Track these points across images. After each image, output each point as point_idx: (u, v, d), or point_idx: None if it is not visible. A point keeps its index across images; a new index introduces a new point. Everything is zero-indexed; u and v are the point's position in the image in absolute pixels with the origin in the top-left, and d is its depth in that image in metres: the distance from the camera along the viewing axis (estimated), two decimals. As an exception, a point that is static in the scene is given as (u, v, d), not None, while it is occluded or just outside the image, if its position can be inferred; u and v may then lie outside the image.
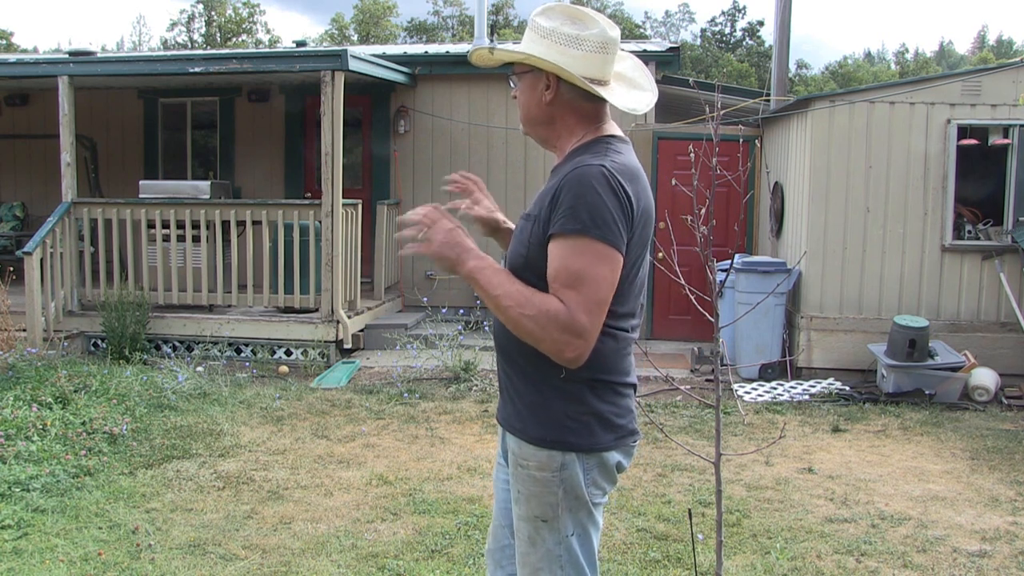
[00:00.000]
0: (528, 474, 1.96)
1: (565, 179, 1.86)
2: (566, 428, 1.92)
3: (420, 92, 9.80)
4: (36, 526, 4.11)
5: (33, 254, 7.58)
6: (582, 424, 1.93)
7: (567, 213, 1.82)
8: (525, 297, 1.82)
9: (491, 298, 1.86)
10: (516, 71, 2.05)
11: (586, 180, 1.83)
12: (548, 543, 1.97)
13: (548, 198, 1.89)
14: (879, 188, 7.39)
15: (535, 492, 1.96)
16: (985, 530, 4.26)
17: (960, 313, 7.39)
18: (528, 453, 1.96)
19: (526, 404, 1.97)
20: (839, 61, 55.64)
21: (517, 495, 2.01)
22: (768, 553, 3.93)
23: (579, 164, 1.88)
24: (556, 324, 1.79)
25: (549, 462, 1.93)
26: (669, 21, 58.64)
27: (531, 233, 1.91)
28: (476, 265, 1.88)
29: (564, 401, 1.93)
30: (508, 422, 2.03)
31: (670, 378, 7.12)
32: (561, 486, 1.94)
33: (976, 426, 6.15)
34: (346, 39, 44.52)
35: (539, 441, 1.94)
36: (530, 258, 1.90)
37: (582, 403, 1.93)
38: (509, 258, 2.00)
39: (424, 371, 7.37)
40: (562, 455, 1.93)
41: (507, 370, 2.03)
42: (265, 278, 8.05)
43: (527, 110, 2.04)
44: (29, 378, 6.32)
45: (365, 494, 4.63)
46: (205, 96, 10.64)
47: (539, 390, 1.95)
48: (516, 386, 2.00)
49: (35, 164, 11.16)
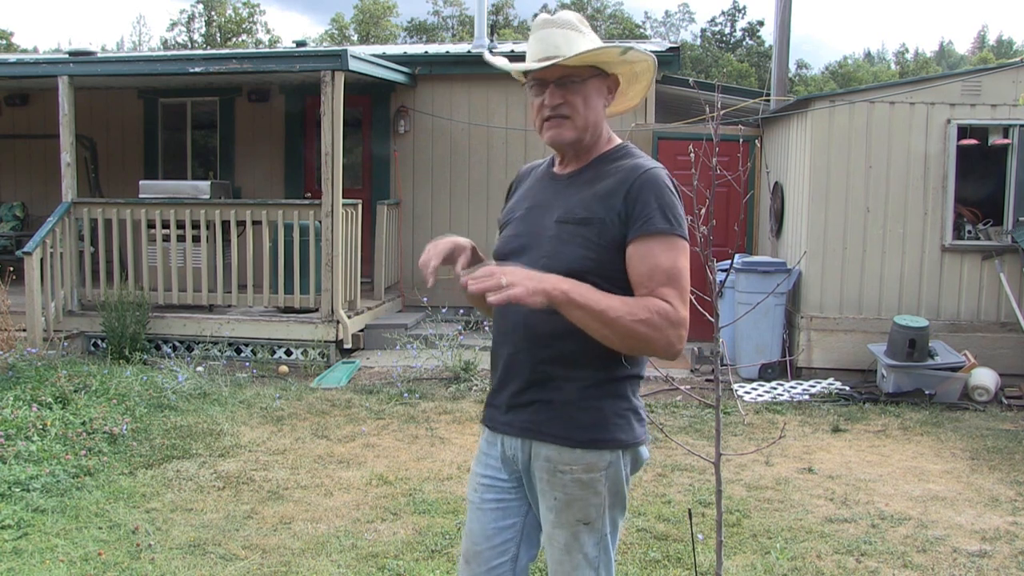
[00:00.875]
0: (572, 478, 1.93)
1: (637, 181, 1.89)
2: (614, 426, 1.94)
3: (420, 92, 9.80)
4: (36, 526, 4.11)
5: (33, 254, 7.58)
6: (626, 420, 1.96)
7: (654, 213, 1.86)
8: (630, 305, 1.82)
9: (594, 314, 1.80)
10: (584, 75, 1.94)
11: (660, 182, 1.90)
12: (586, 547, 1.95)
13: (617, 201, 1.89)
14: (879, 188, 7.39)
15: (577, 496, 1.93)
16: (985, 530, 4.26)
17: (960, 313, 7.39)
18: (574, 457, 1.93)
19: (572, 407, 1.93)
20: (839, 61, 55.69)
21: (553, 503, 1.95)
22: (768, 553, 3.93)
23: (639, 167, 1.92)
24: (668, 323, 1.82)
25: (598, 462, 1.93)
26: (669, 21, 58.68)
27: (599, 235, 1.89)
28: (570, 287, 1.80)
29: (611, 399, 1.94)
30: (540, 430, 1.96)
31: (670, 378, 7.11)
32: (607, 485, 1.94)
33: (976, 426, 6.15)
34: (346, 39, 44.52)
35: (589, 443, 1.93)
36: (601, 261, 1.89)
37: (625, 399, 1.96)
38: (566, 262, 1.89)
39: (424, 371, 7.37)
40: (611, 453, 1.94)
41: (550, 368, 1.94)
42: (265, 278, 8.05)
43: (592, 116, 1.97)
44: (29, 378, 6.32)
45: (365, 494, 4.63)
46: (205, 96, 10.64)
47: (587, 391, 1.93)
48: (560, 389, 1.94)
49: (35, 164, 11.16)
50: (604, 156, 1.99)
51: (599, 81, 1.98)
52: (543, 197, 2.05)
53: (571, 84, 1.94)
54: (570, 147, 2.01)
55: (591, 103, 1.96)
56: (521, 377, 1.98)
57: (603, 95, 1.99)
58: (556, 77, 1.94)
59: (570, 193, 1.99)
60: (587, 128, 1.98)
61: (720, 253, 8.36)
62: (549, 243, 1.95)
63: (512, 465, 2.05)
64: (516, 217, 2.08)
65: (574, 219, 1.93)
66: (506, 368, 2.02)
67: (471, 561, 2.09)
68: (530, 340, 1.96)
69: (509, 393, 2.02)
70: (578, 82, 1.94)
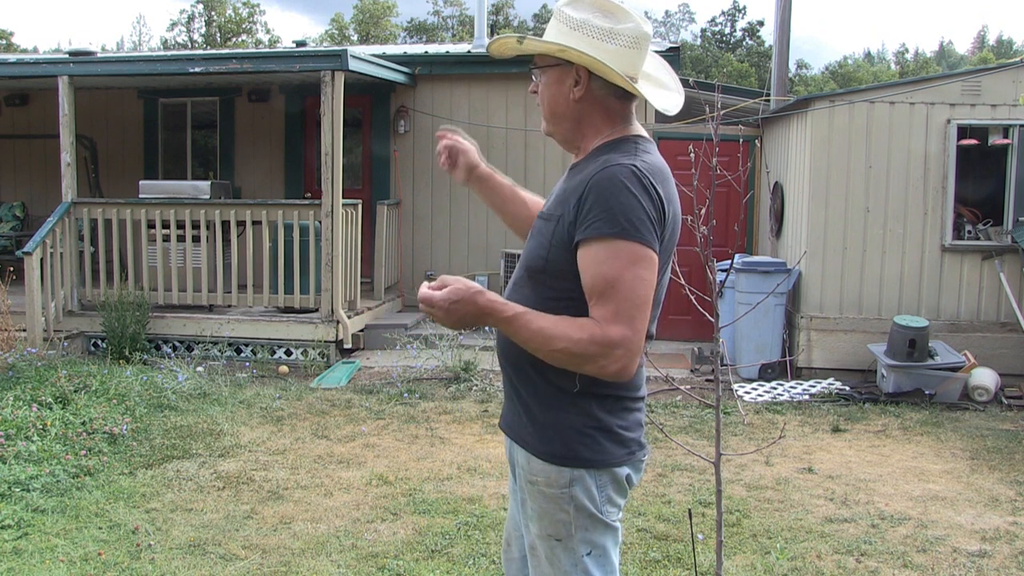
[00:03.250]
0: (538, 490, 1.90)
1: (593, 179, 1.77)
2: (575, 443, 1.85)
3: (420, 92, 9.80)
4: (36, 526, 4.11)
5: (33, 254, 7.58)
6: (591, 438, 1.86)
7: (599, 216, 1.74)
8: (548, 334, 1.75)
9: (520, 343, 1.80)
10: (540, 64, 1.92)
11: (617, 180, 1.75)
12: (564, 564, 1.90)
13: (574, 199, 1.80)
14: (879, 188, 7.39)
15: (547, 510, 1.89)
16: (985, 530, 4.26)
17: (960, 313, 7.39)
18: (537, 468, 1.89)
19: (534, 418, 1.90)
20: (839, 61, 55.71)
21: (531, 512, 1.93)
22: (768, 553, 3.93)
23: (607, 163, 1.79)
24: (596, 346, 1.72)
25: (558, 478, 1.86)
26: (669, 21, 58.69)
27: (553, 235, 1.83)
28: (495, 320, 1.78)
29: (573, 415, 1.86)
30: (518, 434, 1.96)
31: (670, 378, 7.11)
32: (572, 503, 1.86)
33: (976, 426, 6.15)
34: (346, 39, 44.51)
35: (548, 456, 1.87)
36: (551, 260, 1.84)
37: (591, 416, 1.86)
38: (527, 258, 1.92)
39: (424, 371, 7.37)
40: (571, 471, 1.86)
41: (515, 383, 1.94)
42: (265, 278, 8.05)
43: (553, 106, 1.92)
44: (29, 378, 6.32)
45: (365, 494, 4.63)
46: (205, 96, 10.64)
47: (548, 405, 1.88)
48: (524, 400, 1.92)
49: (35, 164, 11.15)
50: (598, 148, 1.89)
51: (558, 72, 1.89)
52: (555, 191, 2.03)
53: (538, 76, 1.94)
54: (558, 140, 2.00)
55: (549, 94, 1.92)
56: (507, 386, 2.01)
57: (568, 84, 1.88)
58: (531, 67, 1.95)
59: (559, 187, 1.98)
60: (553, 118, 1.94)
61: (720, 253, 8.36)
62: (528, 238, 1.97)
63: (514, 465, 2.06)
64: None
65: (543, 215, 1.93)
66: (502, 371, 2.05)
67: (511, 544, 2.14)
68: (501, 347, 1.97)
69: (504, 397, 2.05)
70: (539, 73, 1.93)
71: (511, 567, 2.15)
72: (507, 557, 2.17)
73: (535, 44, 1.88)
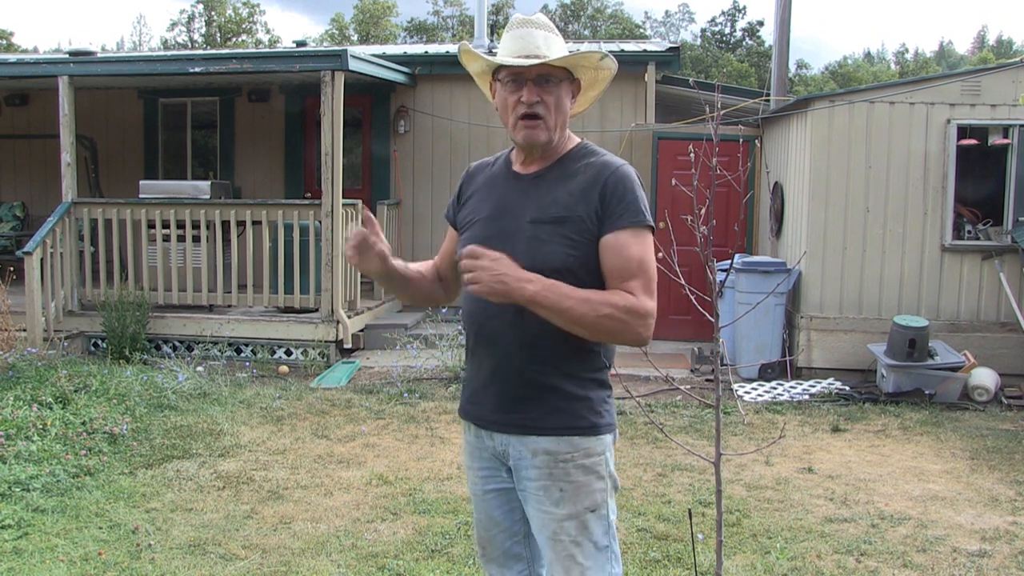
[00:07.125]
0: (575, 465, 2.01)
1: (611, 177, 1.99)
2: (603, 412, 2.06)
3: (420, 92, 9.80)
4: (36, 526, 4.11)
5: (33, 254, 7.58)
6: (608, 406, 2.08)
7: (628, 208, 1.97)
8: (593, 303, 1.90)
9: (560, 312, 1.90)
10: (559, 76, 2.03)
11: (631, 177, 2.01)
12: (596, 535, 2.03)
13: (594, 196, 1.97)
14: (879, 188, 7.39)
15: (583, 482, 2.01)
16: (985, 530, 4.26)
17: (960, 313, 7.39)
18: (573, 445, 2.01)
19: (569, 400, 2.02)
20: (839, 61, 55.69)
21: (560, 496, 2.01)
22: (768, 553, 3.93)
23: (610, 164, 2.02)
24: (633, 315, 1.92)
25: (597, 446, 2.03)
26: (669, 21, 58.60)
27: (579, 232, 1.97)
28: (534, 290, 1.88)
29: (598, 388, 2.06)
30: (537, 425, 2.02)
31: (670, 378, 7.12)
32: (607, 468, 2.05)
33: (976, 426, 6.16)
34: (346, 39, 44.51)
35: (589, 429, 2.02)
36: (584, 257, 1.97)
37: (607, 388, 2.08)
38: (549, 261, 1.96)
39: (424, 371, 7.37)
40: (605, 438, 2.06)
41: (541, 370, 2.01)
42: (265, 278, 8.05)
43: (561, 117, 2.05)
44: (29, 378, 6.33)
45: (365, 494, 4.63)
46: (205, 96, 10.64)
47: (580, 382, 2.03)
48: (553, 384, 2.01)
49: (35, 164, 11.16)
50: (569, 155, 2.07)
51: (568, 84, 2.06)
52: (510, 198, 2.08)
53: (547, 84, 2.01)
54: (541, 148, 2.06)
55: (561, 104, 2.04)
56: (512, 380, 2.04)
57: (570, 97, 2.07)
58: (535, 75, 2.00)
59: (540, 193, 2.04)
60: (557, 128, 2.04)
61: (720, 253, 8.37)
62: (526, 244, 1.99)
63: (504, 459, 2.10)
64: (481, 218, 2.10)
65: (550, 218, 2.00)
66: (493, 371, 2.07)
67: (486, 547, 2.22)
68: (520, 346, 2.01)
69: (498, 394, 2.06)
70: (554, 82, 2.02)
71: (491, 567, 2.23)
72: (486, 559, 2.24)
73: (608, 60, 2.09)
